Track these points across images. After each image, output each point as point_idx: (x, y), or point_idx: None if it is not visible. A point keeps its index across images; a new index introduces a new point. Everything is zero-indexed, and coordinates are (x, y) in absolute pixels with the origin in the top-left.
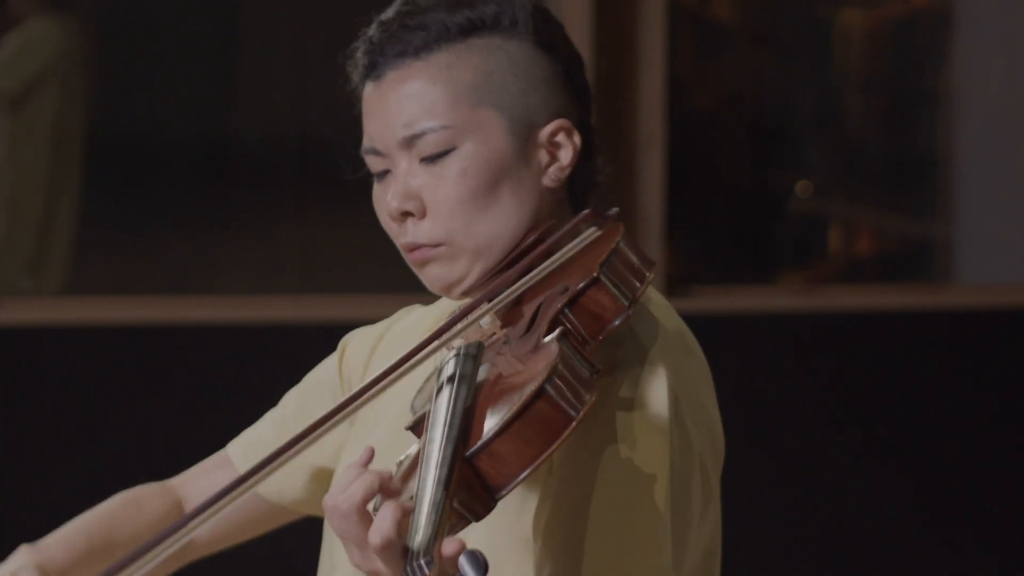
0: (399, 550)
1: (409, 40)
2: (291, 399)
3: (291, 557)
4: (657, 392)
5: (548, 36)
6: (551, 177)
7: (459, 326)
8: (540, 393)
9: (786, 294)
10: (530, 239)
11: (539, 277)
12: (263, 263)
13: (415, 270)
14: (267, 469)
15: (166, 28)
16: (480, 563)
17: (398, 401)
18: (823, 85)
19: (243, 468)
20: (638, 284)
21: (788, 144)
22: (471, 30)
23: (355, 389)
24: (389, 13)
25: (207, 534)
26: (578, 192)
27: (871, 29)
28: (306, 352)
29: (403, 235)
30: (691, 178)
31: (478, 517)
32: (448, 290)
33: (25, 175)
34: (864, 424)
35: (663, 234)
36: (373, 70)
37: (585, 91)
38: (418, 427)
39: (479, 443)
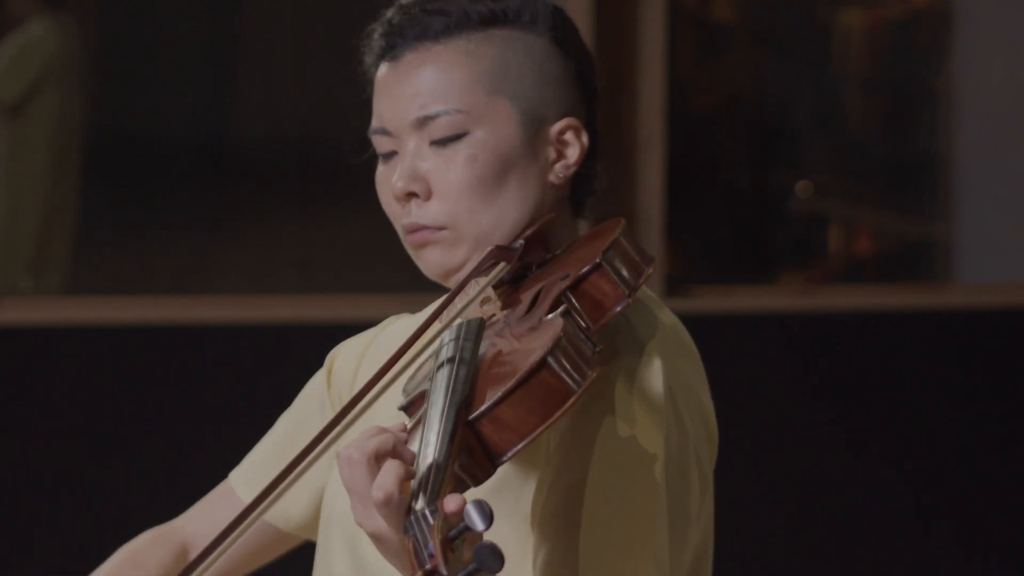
0: (401, 507)
1: (429, 24)
2: (283, 421)
3: (286, 558)
4: (653, 383)
5: (564, 35)
6: (556, 174)
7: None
8: (544, 362)
9: (786, 294)
10: (529, 233)
11: (455, 312)
12: (263, 263)
13: (413, 253)
14: (270, 498)
15: (166, 28)
16: (486, 512)
17: (390, 393)
18: (823, 85)
19: (246, 497)
20: (638, 276)
21: (788, 144)
22: (492, 21)
23: (346, 401)
24: None
25: (216, 571)
26: (578, 195)
27: (871, 29)
28: (306, 352)
29: (406, 216)
30: (691, 178)
31: (477, 482)
32: (445, 277)
33: (25, 175)
34: (864, 424)
35: (663, 234)
36: (390, 51)
37: (594, 93)
38: (412, 407)
39: (482, 407)
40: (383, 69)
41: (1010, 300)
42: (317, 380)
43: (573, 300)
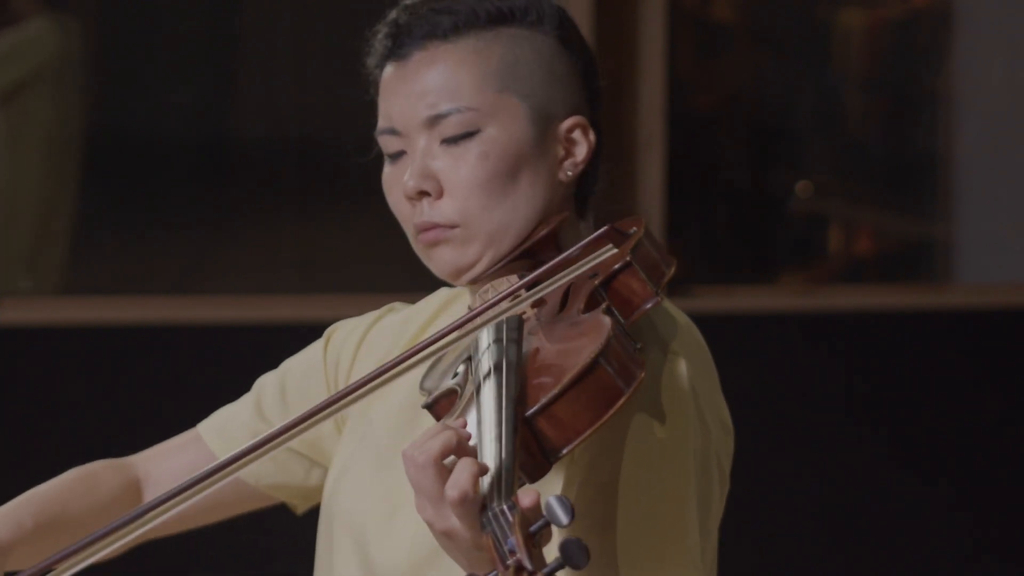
0: (476, 505)
1: (438, 22)
2: (269, 383)
3: (284, 558)
4: (679, 381)
5: (569, 34)
6: (565, 172)
7: (479, 320)
8: (598, 359)
9: (786, 294)
10: (542, 232)
11: (553, 287)
12: (263, 263)
13: (424, 254)
14: (256, 454)
15: (166, 28)
16: (568, 506)
17: (399, 388)
18: (823, 85)
19: (216, 447)
20: (661, 275)
21: (788, 144)
22: (499, 19)
23: (357, 376)
24: None
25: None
26: (583, 194)
27: (871, 29)
28: None
29: (418, 215)
30: (691, 178)
31: (533, 479)
32: (457, 276)
33: (24, 175)
34: (864, 424)
35: (663, 234)
36: (397, 50)
37: (598, 92)
38: (437, 405)
39: (539, 404)
40: (389, 69)
41: (1010, 300)
42: (312, 352)
43: (607, 298)
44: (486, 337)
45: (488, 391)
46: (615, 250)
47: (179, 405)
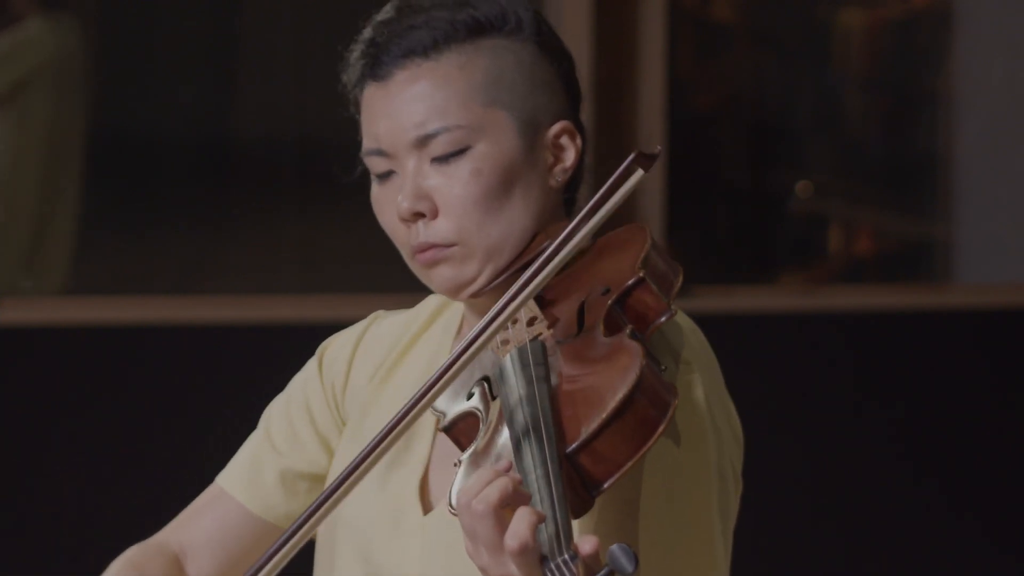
0: (536, 553)
1: (417, 39)
2: (275, 415)
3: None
4: (694, 392)
5: (547, 38)
6: (555, 178)
7: (506, 314)
8: (635, 393)
9: (786, 294)
10: (545, 245)
11: (594, 227)
12: (263, 263)
13: (423, 272)
14: (317, 515)
15: (166, 28)
16: (631, 554)
17: (396, 398)
18: (823, 85)
19: (244, 498)
20: (671, 286)
21: (788, 144)
22: (478, 31)
23: (353, 391)
24: (388, 13)
25: (215, 572)
26: (569, 196)
27: (871, 29)
28: (306, 352)
29: (414, 237)
30: (691, 178)
31: (577, 515)
32: (457, 292)
33: (24, 175)
34: (864, 424)
35: (663, 235)
36: (377, 70)
37: (579, 93)
38: (455, 428)
39: (580, 440)
40: (371, 89)
41: (1010, 300)
42: (309, 376)
43: (625, 317)
44: (511, 370)
45: (526, 432)
46: (644, 173)
47: (180, 405)
